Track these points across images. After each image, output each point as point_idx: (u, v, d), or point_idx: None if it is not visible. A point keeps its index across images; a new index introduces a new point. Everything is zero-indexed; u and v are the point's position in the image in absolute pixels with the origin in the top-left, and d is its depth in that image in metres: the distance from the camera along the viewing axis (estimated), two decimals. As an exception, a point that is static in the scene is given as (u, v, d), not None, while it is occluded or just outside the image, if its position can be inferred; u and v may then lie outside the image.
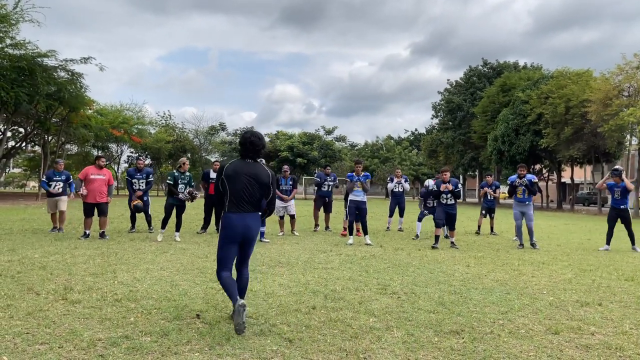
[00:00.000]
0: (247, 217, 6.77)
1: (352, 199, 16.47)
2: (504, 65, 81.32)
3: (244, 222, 6.73)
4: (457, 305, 8.04)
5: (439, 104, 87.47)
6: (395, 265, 11.92)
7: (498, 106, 65.44)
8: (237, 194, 6.74)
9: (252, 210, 6.83)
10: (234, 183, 6.75)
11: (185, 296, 8.18)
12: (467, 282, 10.12)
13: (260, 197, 6.89)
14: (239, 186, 6.74)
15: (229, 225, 6.74)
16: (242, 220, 6.73)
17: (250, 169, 6.82)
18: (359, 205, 16.32)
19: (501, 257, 13.83)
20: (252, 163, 6.89)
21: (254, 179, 6.79)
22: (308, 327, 6.63)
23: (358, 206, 16.33)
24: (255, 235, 6.93)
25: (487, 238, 17.27)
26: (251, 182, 6.77)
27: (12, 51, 38.94)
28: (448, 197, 16.43)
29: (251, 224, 6.79)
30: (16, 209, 30.95)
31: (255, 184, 6.79)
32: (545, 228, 26.17)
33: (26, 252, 12.41)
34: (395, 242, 16.59)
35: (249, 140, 6.87)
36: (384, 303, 8.09)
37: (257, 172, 6.84)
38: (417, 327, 6.77)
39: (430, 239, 17.71)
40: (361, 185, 16.36)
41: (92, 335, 5.97)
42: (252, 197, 6.79)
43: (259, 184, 6.81)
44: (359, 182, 16.39)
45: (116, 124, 65.05)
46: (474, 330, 6.71)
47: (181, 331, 6.27)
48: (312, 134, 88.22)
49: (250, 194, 6.76)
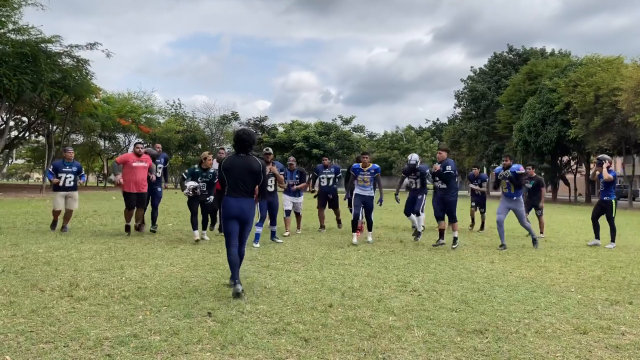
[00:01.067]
0: (242, 201, 8.61)
1: (358, 192, 15.43)
2: (530, 51, 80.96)
3: (238, 205, 8.58)
4: (480, 304, 8.02)
5: (462, 92, 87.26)
6: (416, 262, 11.90)
7: (524, 95, 65.21)
8: (234, 182, 8.62)
9: (246, 196, 8.67)
10: (230, 174, 8.64)
11: (196, 293, 8.20)
12: (491, 279, 10.09)
13: (254, 184, 8.73)
14: (235, 176, 8.61)
15: (227, 206, 8.60)
16: (237, 202, 8.59)
17: (242, 162, 8.67)
18: (366, 200, 15.30)
19: (527, 253, 13.78)
20: (244, 156, 8.73)
21: (246, 170, 8.63)
22: (324, 325, 6.62)
23: (365, 201, 15.31)
24: (249, 218, 8.72)
25: (512, 233, 17.12)
26: (244, 172, 8.62)
27: (15, 36, 39.10)
28: (439, 181, 15.02)
29: (245, 207, 8.62)
30: (19, 202, 31.13)
31: (247, 174, 8.64)
32: (573, 223, 26.04)
33: (30, 246, 12.49)
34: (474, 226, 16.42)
35: (241, 137, 8.72)
36: (404, 301, 8.07)
37: (249, 164, 8.67)
38: (438, 326, 6.75)
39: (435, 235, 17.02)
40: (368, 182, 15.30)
41: (98, 334, 6.00)
42: (246, 185, 8.65)
43: (251, 173, 8.65)
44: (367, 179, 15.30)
45: (124, 113, 65.29)
46: (498, 329, 6.68)
47: (192, 330, 6.28)
48: (328, 124, 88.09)
49: (244, 182, 8.62)
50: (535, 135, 58.30)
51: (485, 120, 78.64)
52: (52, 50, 41.06)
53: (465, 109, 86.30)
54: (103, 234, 15.16)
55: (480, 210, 20.63)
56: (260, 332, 6.28)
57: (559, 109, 53.47)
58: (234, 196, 8.61)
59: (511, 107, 68.10)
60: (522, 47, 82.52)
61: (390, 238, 15.99)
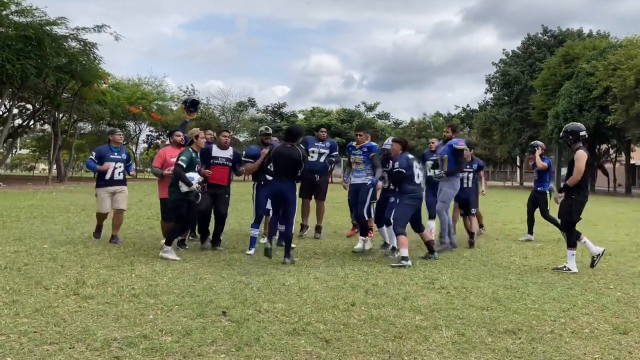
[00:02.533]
0: (283, 184, 11.08)
1: (351, 181, 13.00)
2: (566, 33, 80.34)
3: (280, 187, 11.08)
4: (513, 302, 8.00)
5: (493, 76, 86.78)
6: (444, 257, 11.87)
7: (560, 79, 64.72)
8: (280, 169, 11.12)
9: (287, 180, 11.10)
10: (277, 161, 11.16)
11: (210, 291, 8.20)
12: (524, 275, 10.07)
13: (295, 170, 11.11)
14: (281, 163, 11.11)
15: (271, 188, 11.41)
16: (279, 185, 11.09)
17: (289, 151, 11.11)
18: (359, 189, 12.72)
19: (562, 247, 13.61)
20: (290, 147, 11.19)
21: (288, 158, 11.04)
22: (347, 325, 6.61)
23: (356, 190, 12.76)
24: (290, 199, 11.09)
25: (547, 227, 16.97)
26: (287, 160, 11.05)
27: (18, 18, 39.26)
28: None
29: (284, 188, 11.07)
30: (24, 194, 31.32)
31: (290, 161, 11.05)
32: (612, 215, 25.94)
33: (34, 242, 12.55)
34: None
35: (289, 130, 11.72)
36: (432, 299, 8.06)
37: (292, 153, 11.07)
38: (468, 325, 6.73)
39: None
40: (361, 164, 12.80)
41: (106, 335, 6.01)
42: (288, 171, 11.06)
43: (293, 161, 11.05)
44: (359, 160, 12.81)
45: (134, 99, 65.44)
46: (532, 329, 6.66)
47: (205, 330, 6.28)
48: (351, 111, 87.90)
49: (286, 168, 11.05)
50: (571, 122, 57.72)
51: (518, 106, 78.17)
52: (58, 33, 41.22)
53: (497, 94, 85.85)
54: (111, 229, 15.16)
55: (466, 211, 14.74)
56: (278, 332, 6.28)
57: (597, 93, 53.00)
58: (278, 180, 11.14)
59: (546, 92, 67.63)
60: (558, 28, 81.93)
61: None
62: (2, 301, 7.24)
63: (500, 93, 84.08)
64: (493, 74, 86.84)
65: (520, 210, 22.15)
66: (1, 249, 11.40)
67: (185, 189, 11.00)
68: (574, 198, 10.66)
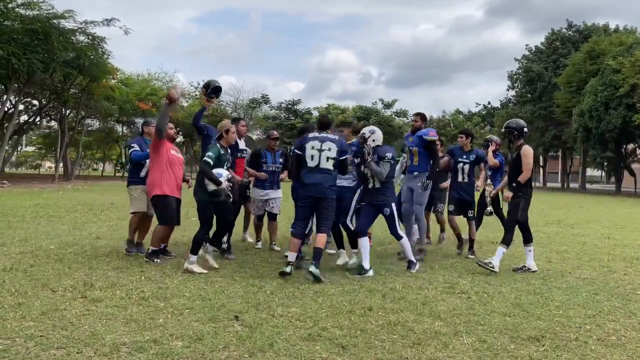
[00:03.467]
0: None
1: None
2: (592, 28, 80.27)
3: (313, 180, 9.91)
4: (536, 307, 7.97)
5: (516, 73, 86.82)
6: (465, 260, 11.87)
7: (585, 76, 64.57)
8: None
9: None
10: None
11: (222, 294, 8.20)
12: (548, 280, 10.02)
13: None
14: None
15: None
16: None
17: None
18: (341, 194, 10.97)
19: (588, 251, 13.66)
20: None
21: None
22: (363, 331, 6.60)
23: (339, 195, 10.78)
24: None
25: (572, 229, 16.88)
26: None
27: (24, 11, 39.39)
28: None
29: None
30: (29, 193, 31.45)
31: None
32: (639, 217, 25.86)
33: (40, 242, 12.58)
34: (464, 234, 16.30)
35: (319, 120, 10.75)
36: (452, 304, 8.04)
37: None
38: (490, 332, 6.72)
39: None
40: None
41: (115, 339, 6.02)
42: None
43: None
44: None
45: (143, 95, 65.70)
46: (556, 336, 6.63)
47: (217, 335, 6.28)
48: (368, 108, 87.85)
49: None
50: (597, 121, 57.58)
51: (541, 104, 78.13)
52: (65, 27, 41.37)
53: (520, 91, 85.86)
54: (120, 229, 15.21)
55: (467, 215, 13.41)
56: (293, 337, 6.28)
57: (623, 91, 52.81)
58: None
59: (570, 90, 67.50)
60: (583, 23, 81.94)
61: (436, 233, 15.80)
62: (8, 304, 7.27)
63: (523, 90, 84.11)
64: (515, 71, 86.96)
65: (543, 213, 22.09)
66: (6, 250, 11.44)
67: (213, 187, 10.05)
68: (521, 196, 10.68)
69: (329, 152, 9.86)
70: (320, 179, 9.84)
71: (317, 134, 10.11)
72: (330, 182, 9.96)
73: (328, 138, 9.97)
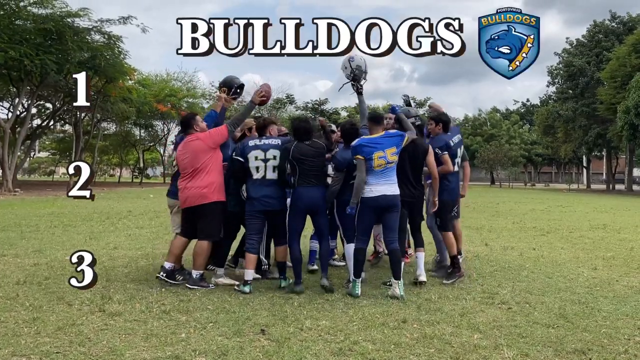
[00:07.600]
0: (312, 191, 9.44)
1: None
2: (637, 19, 79.61)
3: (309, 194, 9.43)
4: (582, 318, 7.90)
5: (556, 68, 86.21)
6: (504, 269, 11.80)
7: (630, 70, 64.08)
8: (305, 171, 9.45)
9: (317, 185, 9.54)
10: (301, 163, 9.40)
11: (247, 307, 8.20)
12: (594, 288, 9.92)
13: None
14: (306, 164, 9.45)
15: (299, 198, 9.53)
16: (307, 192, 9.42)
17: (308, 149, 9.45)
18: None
19: (636, 257, 13.53)
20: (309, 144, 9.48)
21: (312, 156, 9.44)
22: (397, 344, 6.58)
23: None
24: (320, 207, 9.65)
25: (619, 234, 16.72)
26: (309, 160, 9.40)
27: (37, 10, 39.66)
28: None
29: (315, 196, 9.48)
30: (43, 201, 31.63)
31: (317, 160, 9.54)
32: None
33: (56, 253, 12.64)
34: (504, 240, 16.24)
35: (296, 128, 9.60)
36: (491, 315, 8.00)
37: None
38: (532, 345, 6.67)
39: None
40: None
41: (135, 355, 6.05)
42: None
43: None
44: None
45: (162, 97, 65.92)
46: (603, 349, 6.58)
47: (243, 350, 6.28)
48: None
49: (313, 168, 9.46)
50: (644, 118, 57.21)
51: (584, 101, 77.62)
52: (80, 26, 41.65)
53: (561, 87, 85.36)
54: (139, 238, 15.26)
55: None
56: (323, 352, 6.27)
57: (672, 85, 52.51)
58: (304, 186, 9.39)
59: (615, 85, 67.02)
60: (627, 14, 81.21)
61: (473, 240, 15.75)
62: (22, 319, 7.32)
63: (564, 86, 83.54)
64: (556, 65, 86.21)
65: (588, 216, 21.95)
66: (20, 261, 11.53)
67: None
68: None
69: (274, 161, 9.42)
70: (269, 191, 9.41)
71: (258, 141, 9.55)
72: (278, 192, 9.59)
73: (271, 145, 9.45)
